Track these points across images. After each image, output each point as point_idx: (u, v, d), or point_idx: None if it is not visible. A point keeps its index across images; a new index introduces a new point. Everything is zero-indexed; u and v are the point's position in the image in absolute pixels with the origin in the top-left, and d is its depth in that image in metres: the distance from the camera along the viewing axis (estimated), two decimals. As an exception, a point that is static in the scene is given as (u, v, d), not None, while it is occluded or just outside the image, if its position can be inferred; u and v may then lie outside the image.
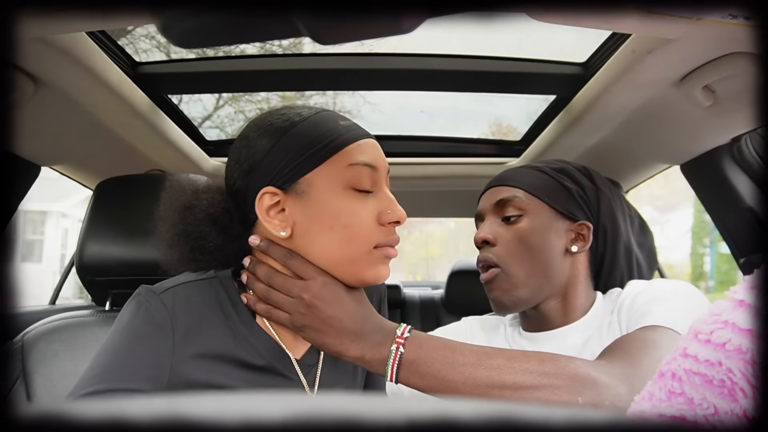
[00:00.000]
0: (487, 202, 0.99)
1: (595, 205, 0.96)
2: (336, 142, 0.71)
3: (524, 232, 0.93)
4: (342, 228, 0.71)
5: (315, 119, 0.73)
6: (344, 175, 0.71)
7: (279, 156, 0.71)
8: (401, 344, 0.71)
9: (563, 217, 0.94)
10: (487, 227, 0.96)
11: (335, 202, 0.71)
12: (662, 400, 0.47)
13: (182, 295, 0.73)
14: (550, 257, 0.92)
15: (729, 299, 0.47)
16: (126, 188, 1.21)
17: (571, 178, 0.97)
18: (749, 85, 0.92)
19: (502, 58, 1.25)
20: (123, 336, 0.69)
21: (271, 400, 0.19)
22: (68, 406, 0.19)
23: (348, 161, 0.71)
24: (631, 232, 1.00)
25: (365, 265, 0.72)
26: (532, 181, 0.96)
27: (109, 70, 1.05)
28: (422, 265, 23.08)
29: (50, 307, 1.64)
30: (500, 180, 1.00)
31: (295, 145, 0.71)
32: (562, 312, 0.94)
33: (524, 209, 0.94)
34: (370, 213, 0.72)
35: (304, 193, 0.71)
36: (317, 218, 0.71)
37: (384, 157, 0.76)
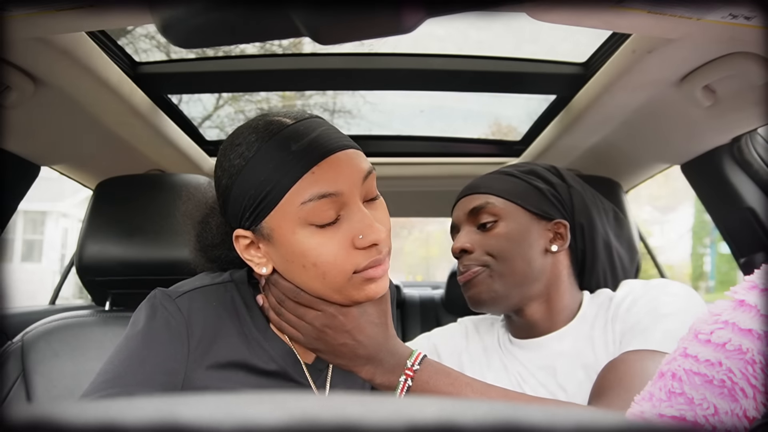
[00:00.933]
0: (460, 212, 0.98)
1: (569, 202, 0.95)
2: (282, 182, 0.66)
3: (502, 236, 0.92)
4: (312, 266, 0.67)
5: (263, 154, 0.67)
6: (299, 215, 0.66)
7: (237, 202, 0.69)
8: (410, 377, 0.72)
9: (539, 218, 0.93)
10: (464, 236, 0.95)
11: (298, 243, 0.67)
12: (662, 400, 0.47)
13: (198, 301, 0.72)
14: (530, 258, 0.91)
15: (729, 299, 0.47)
16: (126, 188, 1.21)
17: (541, 178, 0.96)
18: (749, 85, 0.92)
19: (502, 58, 1.25)
20: (138, 341, 0.68)
21: (268, 402, 0.19)
22: (61, 409, 0.18)
23: (299, 200, 0.66)
24: (608, 226, 0.99)
25: (351, 290, 0.69)
26: (503, 185, 0.95)
27: (109, 70, 1.05)
28: (422, 265, 23.08)
29: (50, 307, 1.64)
30: (471, 188, 0.98)
31: (245, 193, 0.68)
32: (547, 315, 0.92)
33: (499, 214, 0.93)
34: (340, 243, 0.67)
35: (269, 235, 0.69)
36: (288, 259, 0.69)
37: (355, 167, 0.69)
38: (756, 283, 0.46)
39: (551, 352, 0.90)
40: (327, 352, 0.73)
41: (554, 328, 0.92)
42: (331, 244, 0.67)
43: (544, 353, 0.91)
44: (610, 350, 0.84)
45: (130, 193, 1.19)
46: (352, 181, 0.68)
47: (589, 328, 0.90)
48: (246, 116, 1.80)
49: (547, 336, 0.92)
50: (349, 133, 1.76)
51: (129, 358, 0.67)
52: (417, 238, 23.50)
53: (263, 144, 0.68)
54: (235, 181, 0.69)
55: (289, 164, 0.66)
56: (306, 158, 0.66)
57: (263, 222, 0.68)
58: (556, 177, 0.97)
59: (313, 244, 0.67)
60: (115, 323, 1.10)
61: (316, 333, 0.72)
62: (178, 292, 0.72)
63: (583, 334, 0.89)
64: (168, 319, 0.69)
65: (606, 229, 0.97)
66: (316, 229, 0.67)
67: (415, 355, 0.74)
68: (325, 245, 0.67)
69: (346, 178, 0.67)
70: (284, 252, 0.69)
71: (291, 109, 0.79)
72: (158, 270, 1.10)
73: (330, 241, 0.67)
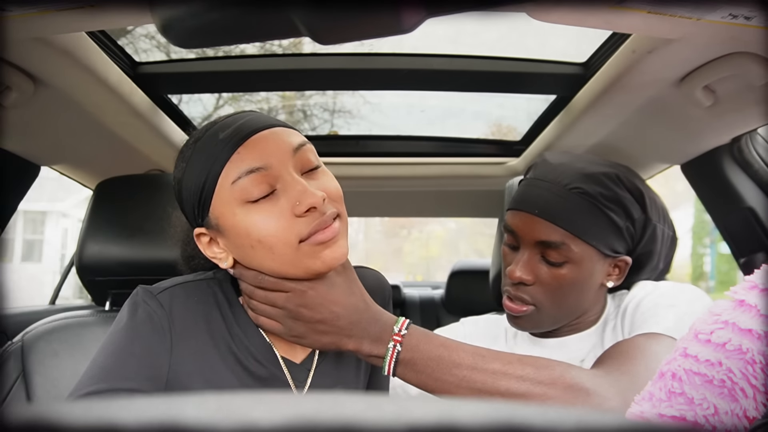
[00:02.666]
0: (528, 233, 0.89)
1: (639, 237, 0.91)
2: (214, 170, 0.69)
3: (567, 279, 0.87)
4: (258, 243, 0.68)
5: (197, 151, 0.71)
6: (233, 195, 0.68)
7: (187, 203, 0.73)
8: (398, 342, 0.71)
9: (606, 256, 0.89)
10: (525, 266, 0.88)
11: (239, 224, 0.69)
12: (662, 400, 0.47)
13: (179, 296, 0.74)
14: (584, 296, 0.90)
15: (729, 299, 0.47)
16: (126, 188, 1.21)
17: (624, 213, 0.88)
18: (749, 85, 0.92)
19: (502, 58, 1.25)
20: (122, 336, 0.69)
21: (267, 402, 0.19)
22: (58, 410, 0.18)
23: (229, 181, 0.68)
24: (663, 253, 0.97)
25: (307, 261, 0.69)
26: (584, 222, 0.86)
27: (109, 70, 1.05)
28: (422, 265, 23.07)
29: (50, 307, 1.64)
30: (546, 212, 0.88)
31: (189, 191, 0.72)
32: (574, 323, 0.94)
33: (571, 259, 0.87)
34: (279, 214, 0.68)
35: (217, 225, 0.71)
36: (238, 243, 0.70)
37: (282, 141, 0.71)
38: (756, 283, 0.46)
39: (567, 351, 0.92)
40: (308, 334, 0.71)
41: (577, 331, 0.94)
42: (270, 218, 0.68)
43: (560, 352, 0.92)
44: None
45: (130, 193, 1.19)
46: (281, 153, 0.70)
47: (602, 328, 0.92)
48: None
49: (571, 336, 0.94)
50: (349, 133, 1.77)
51: (114, 354, 0.68)
52: (417, 238, 23.50)
53: (197, 142, 0.72)
54: (181, 183, 0.73)
55: (216, 151, 0.70)
56: (231, 141, 0.69)
57: (209, 214, 0.71)
58: (639, 209, 0.90)
59: (253, 220, 0.68)
60: (115, 323, 1.10)
61: (291, 316, 0.71)
62: (160, 288, 0.74)
63: (597, 334, 0.92)
64: (150, 314, 0.70)
65: (659, 258, 0.97)
66: (252, 206, 0.68)
67: (401, 321, 0.73)
68: (265, 219, 0.68)
69: (272, 152, 0.69)
70: (233, 237, 0.70)
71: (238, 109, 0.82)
72: (158, 270, 1.10)
73: (269, 214, 0.68)
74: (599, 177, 0.89)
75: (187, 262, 0.84)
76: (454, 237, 23.08)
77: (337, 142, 1.73)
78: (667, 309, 0.83)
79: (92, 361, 0.69)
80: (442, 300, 2.21)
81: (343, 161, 1.66)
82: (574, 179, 0.89)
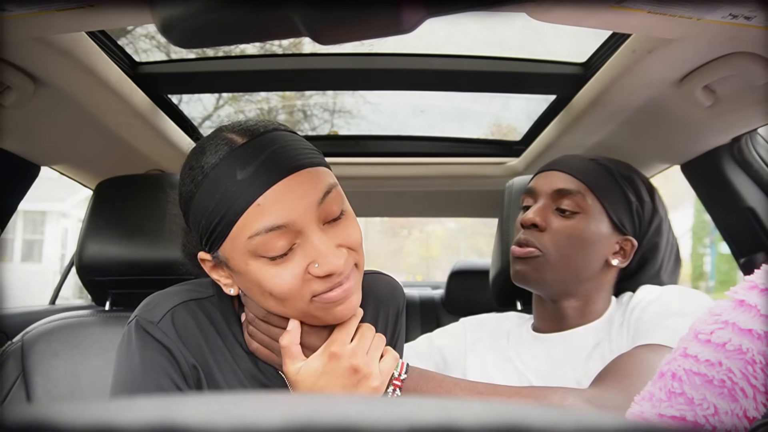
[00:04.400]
0: (546, 184, 0.95)
1: (647, 224, 0.94)
2: (228, 215, 0.63)
3: (576, 231, 0.90)
4: (269, 295, 0.65)
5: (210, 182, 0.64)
6: (248, 247, 0.63)
7: (194, 228, 0.69)
8: (398, 387, 0.72)
9: (614, 228, 0.92)
10: (539, 211, 0.92)
11: (252, 274, 0.65)
12: (662, 400, 0.47)
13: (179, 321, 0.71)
14: (588, 262, 0.91)
15: (729, 299, 0.47)
16: (126, 188, 1.21)
17: (635, 191, 0.94)
18: (749, 85, 0.92)
19: (502, 58, 1.25)
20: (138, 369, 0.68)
21: (267, 404, 0.19)
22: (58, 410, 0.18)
23: (247, 233, 0.63)
24: (666, 261, 0.98)
25: (318, 313, 0.67)
26: (599, 181, 0.93)
27: (109, 70, 1.05)
28: (422, 265, 23.07)
29: (50, 307, 1.64)
30: (566, 166, 0.95)
31: (198, 221, 0.66)
32: (579, 313, 0.94)
33: (583, 208, 0.91)
34: (293, 273, 0.64)
35: (226, 263, 0.68)
36: (246, 286, 0.68)
37: (308, 191, 0.64)
38: (756, 283, 0.46)
39: (570, 346, 0.92)
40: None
41: (580, 324, 0.94)
42: (284, 275, 0.64)
43: (564, 347, 0.92)
44: (624, 345, 0.86)
45: (130, 193, 1.19)
46: (304, 207, 0.63)
47: (609, 326, 0.92)
48: (246, 116, 1.80)
49: (572, 330, 0.94)
50: (349, 133, 1.77)
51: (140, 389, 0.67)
52: (417, 238, 23.50)
53: (211, 170, 0.64)
54: (189, 207, 0.67)
55: (234, 195, 0.62)
56: (250, 189, 0.62)
57: (219, 250, 0.67)
58: (648, 195, 0.95)
59: (267, 276, 0.64)
60: (115, 323, 1.10)
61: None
62: (158, 315, 0.70)
63: (604, 332, 0.91)
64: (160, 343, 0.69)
65: (662, 263, 0.98)
66: (268, 261, 0.64)
67: (400, 364, 0.73)
68: (279, 276, 0.64)
69: (296, 206, 0.63)
70: (242, 280, 0.68)
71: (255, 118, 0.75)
72: (158, 270, 1.10)
73: (284, 272, 0.64)
74: (616, 160, 0.98)
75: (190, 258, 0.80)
76: (454, 237, 23.08)
77: (337, 142, 1.73)
78: (674, 318, 0.82)
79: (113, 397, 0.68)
80: (442, 300, 2.21)
81: (343, 161, 1.66)
82: (597, 157, 0.98)
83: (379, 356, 0.70)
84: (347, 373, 0.67)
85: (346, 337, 0.69)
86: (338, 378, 0.67)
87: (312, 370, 0.68)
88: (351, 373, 0.67)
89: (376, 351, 0.70)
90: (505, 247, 1.19)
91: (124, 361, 0.69)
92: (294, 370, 0.68)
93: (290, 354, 0.69)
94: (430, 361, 1.00)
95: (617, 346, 0.87)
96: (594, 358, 0.88)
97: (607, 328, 0.92)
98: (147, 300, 0.73)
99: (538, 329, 0.98)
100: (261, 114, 1.83)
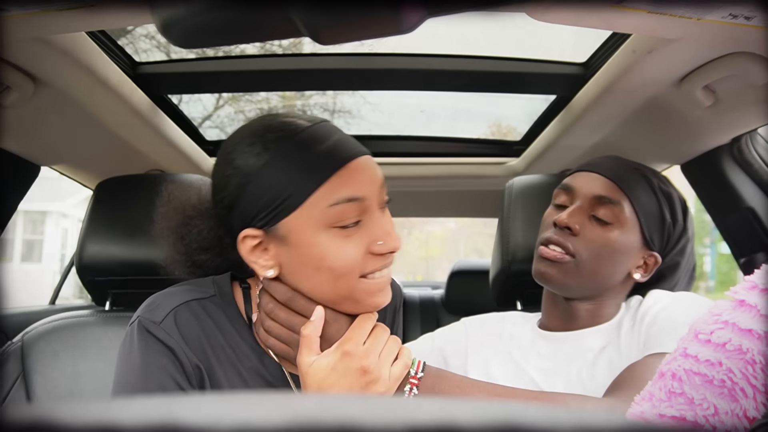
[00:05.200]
0: (586, 186, 0.92)
1: (674, 243, 0.94)
2: (306, 185, 0.66)
3: (609, 242, 0.88)
4: (328, 269, 0.67)
5: (283, 154, 0.67)
6: (325, 216, 0.66)
7: (251, 202, 0.68)
8: (415, 385, 0.71)
9: (644, 242, 0.91)
10: (576, 214, 0.90)
11: (318, 246, 0.67)
12: (662, 400, 0.47)
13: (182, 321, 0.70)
14: (613, 274, 0.91)
15: (729, 299, 0.47)
16: (126, 188, 1.21)
17: (671, 210, 0.93)
18: (749, 85, 0.92)
19: (502, 58, 1.25)
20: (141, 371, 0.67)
21: (267, 403, 0.19)
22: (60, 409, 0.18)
23: (327, 202, 0.66)
24: (683, 278, 0.98)
25: (358, 296, 0.69)
26: (641, 196, 0.91)
27: (109, 70, 1.04)
28: (422, 265, 23.07)
29: (50, 307, 1.64)
30: (609, 172, 0.92)
31: (263, 193, 0.67)
32: (590, 314, 0.93)
33: (620, 220, 0.89)
34: (358, 247, 0.67)
35: (284, 237, 0.68)
36: (301, 261, 0.68)
37: (375, 173, 0.70)
38: (756, 283, 0.46)
39: (577, 345, 0.91)
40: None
41: (590, 326, 0.93)
42: (349, 248, 0.67)
43: (570, 346, 0.91)
44: (634, 351, 0.85)
45: (130, 193, 1.19)
46: (374, 186, 0.69)
47: (617, 330, 0.91)
48: (246, 116, 1.80)
49: (581, 331, 0.93)
50: (349, 133, 1.76)
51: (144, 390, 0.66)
52: (417, 238, 23.49)
53: (283, 143, 0.67)
54: (251, 180, 0.67)
55: (312, 167, 0.66)
56: (331, 161, 0.66)
57: (280, 223, 0.67)
58: (682, 216, 0.94)
59: (333, 247, 0.67)
60: (115, 323, 1.10)
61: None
62: (160, 316, 0.70)
63: (612, 336, 0.91)
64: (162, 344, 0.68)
65: (678, 280, 0.98)
66: (337, 232, 0.67)
67: (416, 363, 0.73)
68: (344, 249, 0.67)
69: (369, 184, 0.68)
70: (299, 253, 0.68)
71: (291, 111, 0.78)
72: (158, 270, 1.10)
73: (349, 245, 0.67)
74: (659, 174, 0.96)
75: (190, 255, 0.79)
76: (454, 237, 23.08)
77: (337, 142, 1.72)
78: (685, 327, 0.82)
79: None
80: (442, 300, 2.21)
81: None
82: (639, 166, 0.95)
83: (391, 360, 0.70)
84: (357, 374, 0.67)
85: (360, 336, 0.69)
86: (347, 377, 0.67)
87: (323, 365, 0.68)
88: (360, 373, 0.67)
89: (389, 355, 0.70)
90: (505, 247, 1.19)
91: (125, 363, 0.69)
92: (307, 363, 0.68)
93: (309, 345, 0.68)
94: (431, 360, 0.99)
95: (626, 351, 0.86)
96: (601, 361, 0.87)
97: (615, 332, 0.91)
98: (149, 300, 0.73)
99: (546, 327, 0.97)
100: (261, 114, 1.83)
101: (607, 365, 0.86)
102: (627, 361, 0.84)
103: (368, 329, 0.70)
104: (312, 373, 0.67)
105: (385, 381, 0.68)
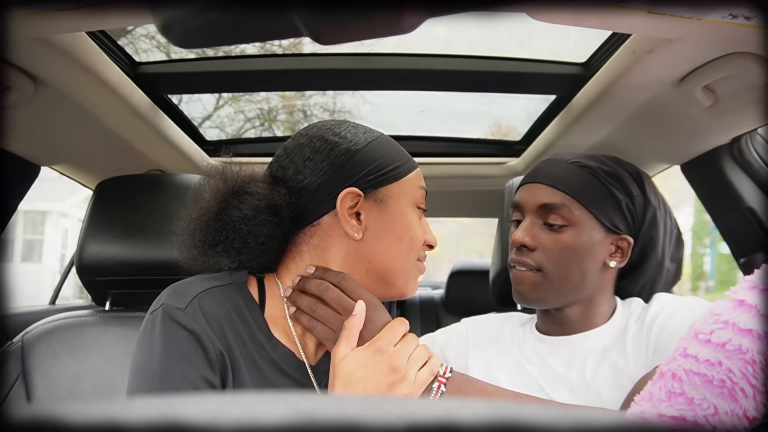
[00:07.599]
0: (530, 200, 0.93)
1: (640, 217, 0.92)
2: (409, 163, 0.81)
3: (567, 244, 0.89)
4: (409, 240, 0.78)
5: (384, 140, 0.81)
6: (415, 194, 0.80)
7: (365, 163, 0.77)
8: (443, 384, 0.74)
9: (607, 231, 0.90)
10: (527, 230, 0.91)
11: (407, 217, 0.79)
12: (662, 400, 0.47)
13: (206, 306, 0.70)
14: (586, 270, 0.90)
15: (729, 299, 0.47)
16: (126, 188, 1.21)
17: (623, 188, 0.92)
18: (749, 85, 0.92)
19: (502, 58, 1.25)
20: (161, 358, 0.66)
21: (268, 401, 0.19)
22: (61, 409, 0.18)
23: (418, 183, 0.81)
24: (667, 246, 0.97)
25: (410, 276, 0.80)
26: (583, 188, 0.90)
27: (109, 70, 1.04)
28: (422, 265, 23.03)
29: (50, 307, 1.64)
30: (547, 177, 0.92)
31: (381, 156, 0.78)
32: (583, 317, 0.93)
33: (571, 221, 0.89)
34: (423, 231, 0.81)
35: (382, 201, 0.77)
36: (390, 228, 0.77)
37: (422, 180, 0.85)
38: (756, 283, 0.46)
39: (582, 350, 0.91)
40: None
41: (587, 329, 0.93)
42: (420, 229, 0.81)
43: (575, 350, 0.91)
44: (641, 357, 0.85)
45: (130, 193, 1.19)
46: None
47: (621, 333, 0.90)
48: (246, 116, 1.80)
49: (579, 334, 0.93)
50: (349, 133, 1.76)
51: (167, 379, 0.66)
52: (417, 238, 23.43)
53: (379, 134, 0.82)
54: (361, 149, 0.77)
55: (407, 155, 0.82)
56: (411, 160, 0.83)
57: (383, 188, 0.77)
58: (637, 188, 0.93)
59: (414, 222, 0.80)
60: (115, 323, 1.10)
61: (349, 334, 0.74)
62: (184, 302, 0.69)
63: (614, 337, 0.90)
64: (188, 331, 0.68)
65: (664, 250, 0.96)
66: (418, 213, 0.81)
67: (444, 366, 0.76)
68: (419, 227, 0.80)
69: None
70: (391, 219, 0.78)
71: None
72: (158, 270, 1.10)
73: (420, 226, 0.81)
74: (599, 157, 0.96)
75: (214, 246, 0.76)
76: (454, 237, 23.07)
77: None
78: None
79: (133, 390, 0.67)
80: (442, 300, 2.21)
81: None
82: (576, 157, 0.95)
83: (419, 365, 0.73)
84: (386, 371, 0.70)
85: (393, 338, 0.73)
86: (376, 374, 0.69)
87: (355, 359, 0.70)
88: (389, 371, 0.70)
89: (418, 360, 0.73)
90: (505, 247, 1.19)
91: (145, 351, 0.68)
92: (341, 355, 0.71)
93: (348, 338, 0.72)
94: None
95: (633, 358, 0.85)
96: (605, 364, 0.87)
97: (618, 337, 0.90)
98: (170, 288, 0.73)
99: (543, 331, 0.97)
100: (261, 114, 1.83)
101: (611, 369, 0.85)
102: (633, 366, 0.84)
103: (401, 333, 0.74)
104: (343, 365, 0.70)
105: (411, 383, 0.70)
